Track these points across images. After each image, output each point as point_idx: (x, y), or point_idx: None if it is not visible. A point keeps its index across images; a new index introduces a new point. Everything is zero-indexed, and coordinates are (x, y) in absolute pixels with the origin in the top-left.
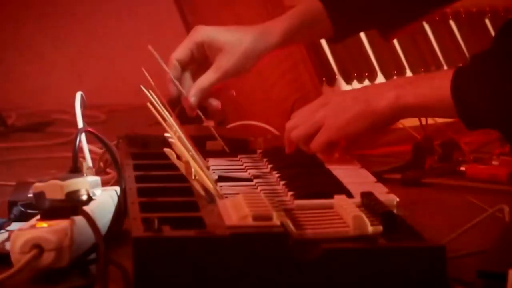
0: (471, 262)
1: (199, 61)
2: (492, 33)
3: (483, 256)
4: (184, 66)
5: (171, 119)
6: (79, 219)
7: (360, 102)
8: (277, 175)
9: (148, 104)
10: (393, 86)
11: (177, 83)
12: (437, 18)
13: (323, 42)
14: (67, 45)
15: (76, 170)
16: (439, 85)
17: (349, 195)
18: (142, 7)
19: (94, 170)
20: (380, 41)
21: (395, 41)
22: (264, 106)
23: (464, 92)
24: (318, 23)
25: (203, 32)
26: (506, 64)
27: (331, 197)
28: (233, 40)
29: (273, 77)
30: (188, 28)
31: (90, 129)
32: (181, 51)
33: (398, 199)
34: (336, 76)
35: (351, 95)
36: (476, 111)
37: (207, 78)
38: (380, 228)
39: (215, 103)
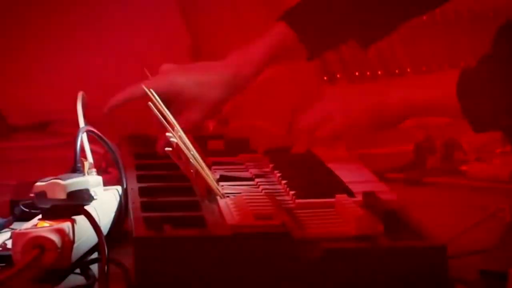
0: (473, 262)
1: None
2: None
3: (485, 255)
4: None
5: (172, 119)
6: (81, 219)
7: (370, 99)
8: (278, 175)
9: (150, 104)
10: (402, 85)
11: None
12: (439, 18)
13: None
14: (69, 44)
15: (77, 169)
16: (446, 86)
17: (351, 194)
18: (144, 7)
19: (95, 169)
20: (381, 41)
21: (396, 41)
22: (265, 106)
23: (469, 94)
24: (290, 48)
25: (170, 81)
26: (509, 66)
27: (332, 196)
28: (202, 94)
29: (274, 77)
30: (190, 29)
31: (92, 129)
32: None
33: (399, 199)
34: (338, 76)
35: (363, 91)
36: (481, 113)
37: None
38: (382, 227)
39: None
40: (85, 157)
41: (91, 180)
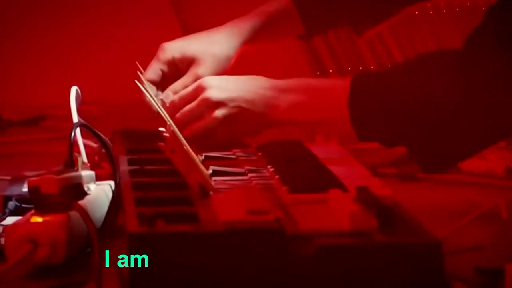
0: (468, 258)
1: (170, 78)
2: None
3: (480, 252)
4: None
5: (165, 114)
6: (74, 214)
7: (255, 118)
8: (271, 169)
9: (146, 100)
10: (287, 102)
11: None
12: (431, 12)
13: None
14: (63, 40)
15: (71, 164)
16: (338, 100)
17: (345, 189)
18: (137, 2)
19: (89, 164)
20: (378, 26)
21: (389, 34)
22: None
23: (362, 110)
24: (287, 19)
25: (171, 49)
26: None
27: (326, 191)
28: (202, 49)
29: (265, 72)
30: (183, 23)
31: (85, 124)
32: (151, 72)
33: (393, 194)
34: (330, 71)
35: (247, 108)
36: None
37: (182, 82)
38: (376, 223)
39: None
40: (79, 152)
41: (84, 175)
